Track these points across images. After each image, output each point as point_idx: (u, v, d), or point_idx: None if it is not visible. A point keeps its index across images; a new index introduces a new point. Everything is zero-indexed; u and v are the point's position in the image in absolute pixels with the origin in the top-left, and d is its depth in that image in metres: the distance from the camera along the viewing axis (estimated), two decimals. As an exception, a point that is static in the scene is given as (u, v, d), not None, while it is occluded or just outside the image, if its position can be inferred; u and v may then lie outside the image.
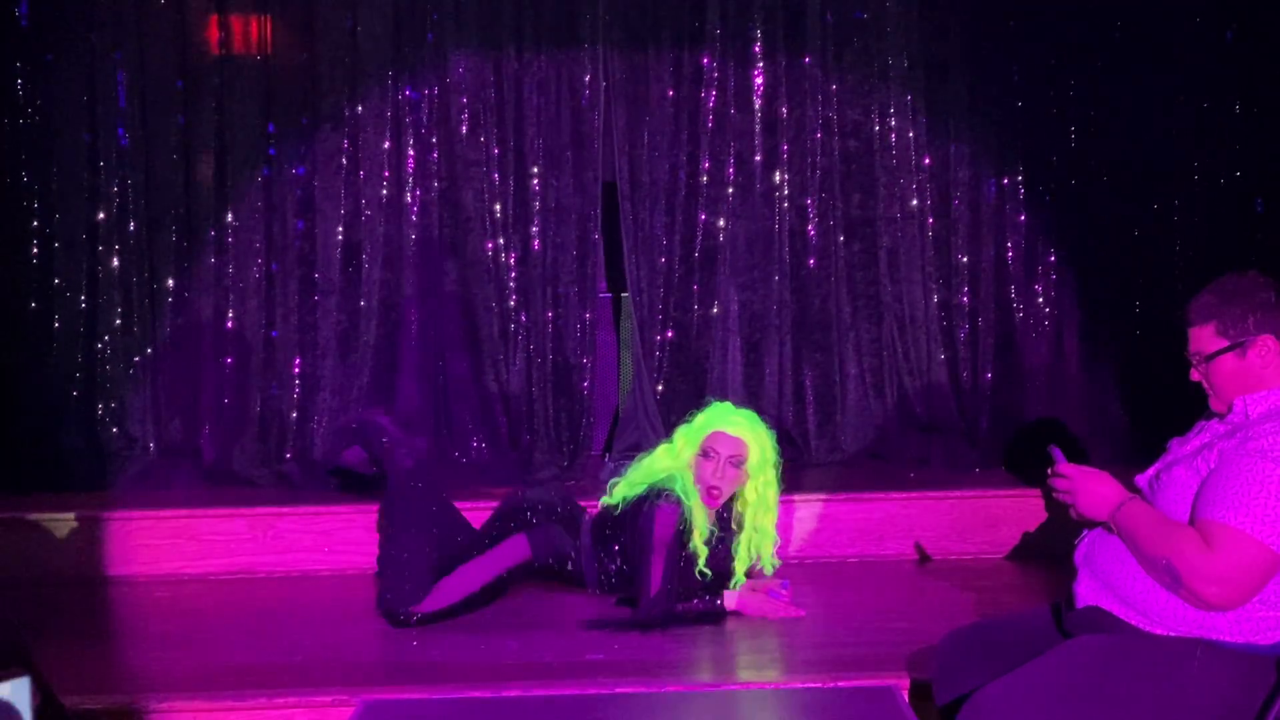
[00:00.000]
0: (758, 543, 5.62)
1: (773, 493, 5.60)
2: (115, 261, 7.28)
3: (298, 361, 7.29)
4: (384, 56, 7.29)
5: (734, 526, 5.64)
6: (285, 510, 6.48)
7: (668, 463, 5.56)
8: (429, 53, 7.31)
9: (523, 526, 5.65)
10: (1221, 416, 3.61)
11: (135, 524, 6.41)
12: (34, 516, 6.37)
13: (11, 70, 7.18)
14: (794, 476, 7.02)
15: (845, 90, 7.47)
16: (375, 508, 6.24)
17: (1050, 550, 6.09)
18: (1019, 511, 6.43)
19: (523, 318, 7.33)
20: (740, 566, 5.59)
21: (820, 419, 7.45)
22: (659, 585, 5.26)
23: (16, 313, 7.18)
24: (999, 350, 7.48)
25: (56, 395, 7.19)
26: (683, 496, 5.36)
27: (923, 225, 7.48)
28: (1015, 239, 7.48)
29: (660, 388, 7.40)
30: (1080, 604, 3.64)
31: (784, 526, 6.36)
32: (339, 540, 6.38)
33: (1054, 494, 3.70)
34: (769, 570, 5.70)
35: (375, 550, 6.08)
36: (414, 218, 7.32)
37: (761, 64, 7.42)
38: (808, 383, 7.48)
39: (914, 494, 6.61)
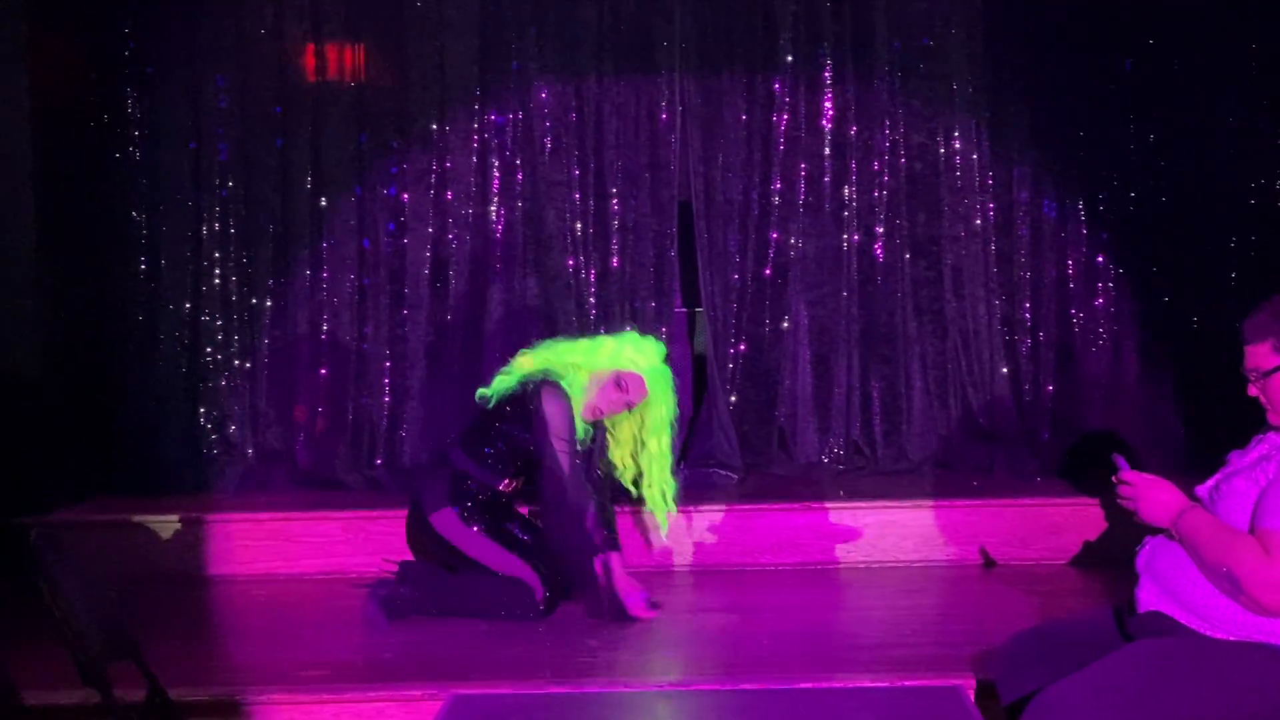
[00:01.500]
0: (635, 474, 5.84)
1: (660, 445, 5.78)
2: (217, 275, 7.37)
3: (388, 371, 7.34)
4: (470, 82, 7.35)
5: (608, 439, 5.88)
6: (376, 513, 6.52)
7: (553, 359, 5.76)
8: (513, 79, 7.36)
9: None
10: (1280, 429, 3.58)
11: (234, 526, 6.50)
12: (139, 518, 6.47)
13: (121, 93, 7.30)
14: (861, 484, 7.06)
15: (911, 114, 7.45)
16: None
17: (1112, 556, 6.06)
18: (1080, 519, 6.39)
19: (602, 331, 7.34)
20: (616, 469, 5.84)
21: (886, 429, 7.44)
22: (568, 468, 5.44)
23: (125, 323, 7.28)
24: (1059, 363, 7.44)
25: (160, 403, 7.28)
26: (568, 390, 5.58)
27: (986, 243, 7.45)
28: (1076, 256, 7.44)
29: (733, 399, 7.41)
30: (1142, 609, 3.62)
31: (853, 532, 6.38)
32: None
33: (1118, 500, 3.68)
34: (664, 521, 5.87)
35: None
36: (498, 235, 7.37)
37: (831, 89, 7.42)
38: (875, 394, 7.46)
39: (978, 501, 6.59)
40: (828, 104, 7.43)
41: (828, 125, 7.44)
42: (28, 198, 6.75)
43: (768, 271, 7.42)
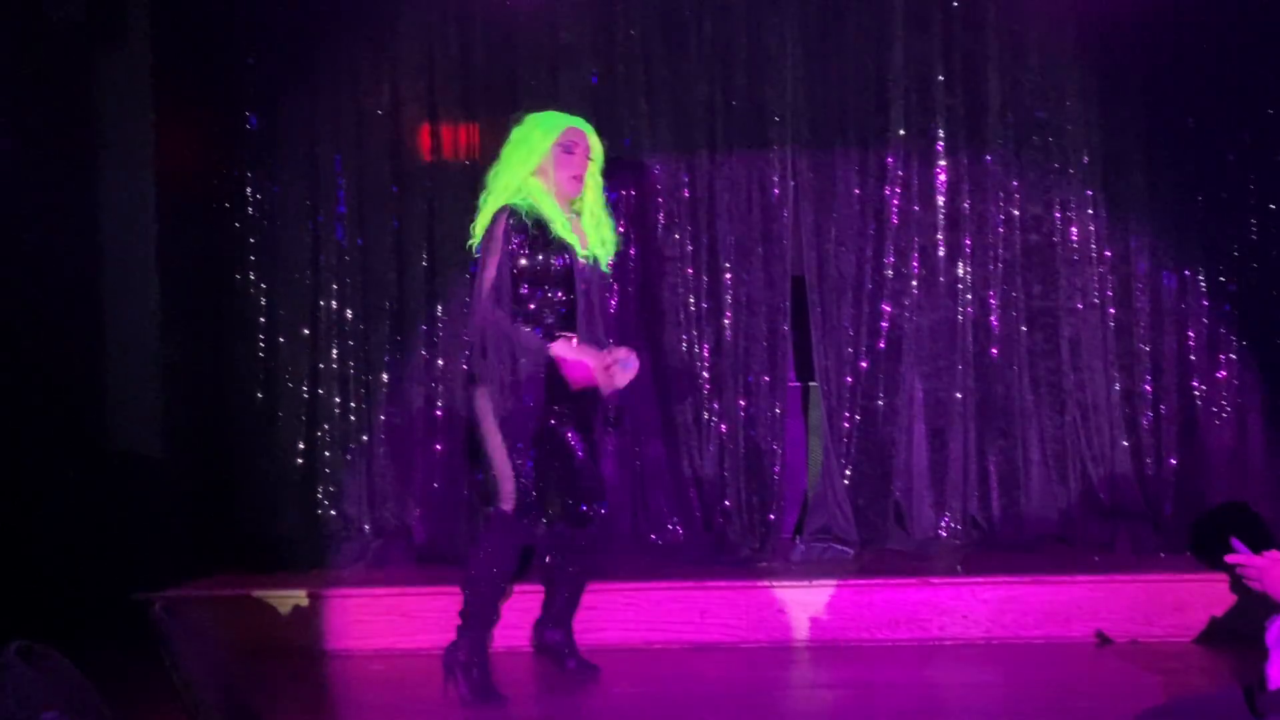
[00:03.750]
0: (598, 224, 5.78)
1: (596, 182, 5.79)
2: (334, 353, 7.46)
3: (502, 448, 7.37)
4: (584, 159, 7.39)
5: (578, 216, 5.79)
6: (491, 589, 6.52)
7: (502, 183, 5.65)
8: (626, 155, 7.40)
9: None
10: None
11: (351, 601, 6.56)
12: (258, 593, 6.53)
13: (242, 175, 7.46)
14: (979, 559, 6.96)
15: (1026, 185, 7.41)
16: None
17: (1241, 633, 5.90)
18: (1206, 595, 6.26)
19: (715, 406, 7.35)
20: (595, 246, 5.74)
21: (1004, 503, 7.34)
22: (492, 276, 5.43)
23: (244, 401, 7.39)
24: (1182, 436, 7.33)
25: (279, 480, 7.37)
26: (515, 203, 5.53)
27: (1104, 315, 7.38)
28: (1197, 328, 7.34)
29: (848, 472, 7.35)
30: (1273, 685, 3.53)
31: (971, 608, 6.29)
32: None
33: (1245, 581, 3.59)
34: (604, 259, 5.83)
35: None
36: (612, 310, 7.38)
37: (944, 161, 7.40)
38: (992, 468, 7.38)
39: (1099, 577, 6.49)
40: (941, 176, 7.40)
41: (941, 197, 7.41)
42: (153, 279, 6.89)
43: (881, 345, 7.38)
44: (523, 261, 5.47)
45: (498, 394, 5.43)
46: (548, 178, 5.62)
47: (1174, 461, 7.31)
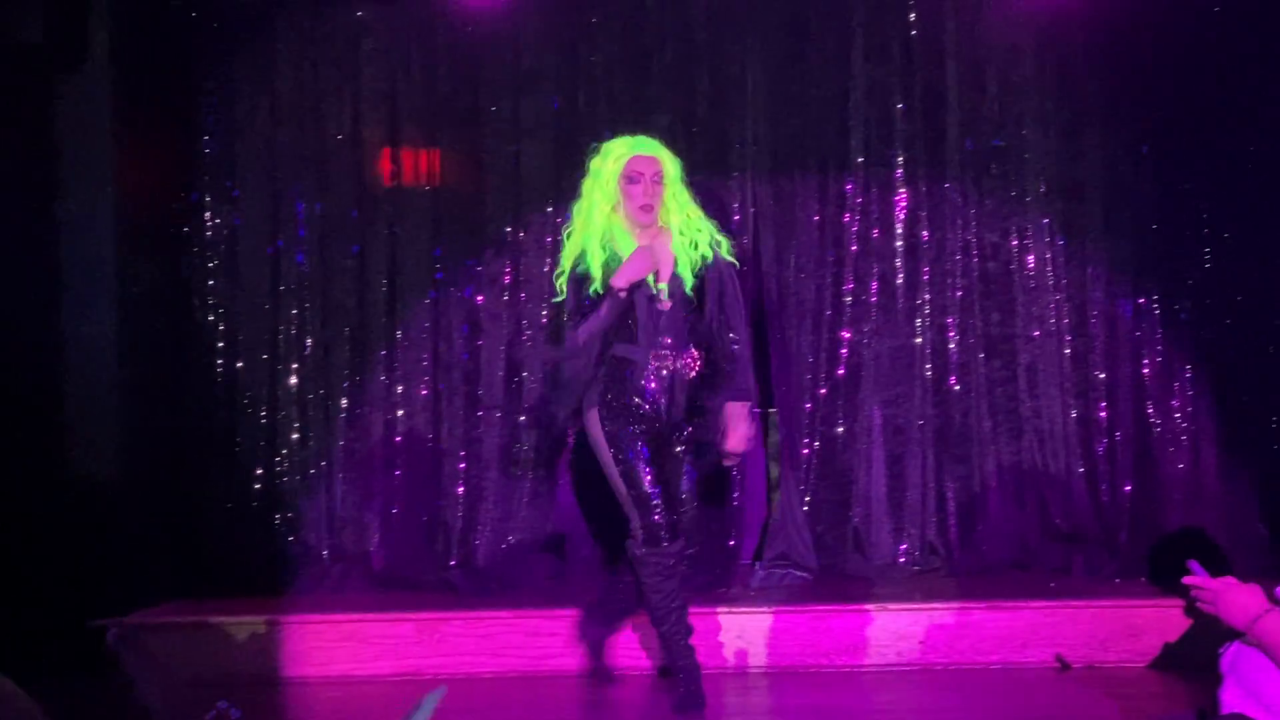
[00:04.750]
0: (691, 237, 5.68)
1: (686, 196, 5.74)
2: (293, 378, 7.45)
3: (462, 474, 7.37)
4: (546, 184, 7.44)
5: (668, 234, 5.71)
6: (450, 615, 6.54)
7: (594, 222, 5.67)
8: (586, 181, 7.42)
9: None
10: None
11: (309, 628, 6.51)
12: (215, 620, 6.50)
13: (201, 199, 7.46)
14: (937, 585, 6.99)
15: (984, 214, 7.48)
16: (532, 613, 6.45)
17: (1194, 659, 5.95)
18: (1161, 621, 6.30)
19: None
20: (684, 266, 5.62)
21: (962, 529, 7.38)
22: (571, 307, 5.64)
23: (203, 427, 7.36)
24: (1137, 463, 7.38)
25: (238, 505, 7.34)
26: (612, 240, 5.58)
27: (1060, 343, 7.44)
28: (1152, 355, 7.41)
29: (807, 499, 7.37)
30: (1225, 710, 3.55)
31: (929, 634, 6.32)
32: (500, 643, 6.41)
33: (1198, 604, 3.62)
34: (725, 252, 5.77)
35: (538, 655, 6.25)
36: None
37: (903, 189, 7.46)
38: (950, 494, 7.41)
39: (1055, 603, 6.52)
40: (900, 204, 7.46)
41: (900, 225, 7.46)
42: (111, 303, 6.85)
43: (841, 371, 7.42)
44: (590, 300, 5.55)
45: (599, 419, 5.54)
46: (622, 211, 5.67)
47: (1129, 488, 7.36)
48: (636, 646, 6.37)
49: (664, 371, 5.56)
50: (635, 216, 5.63)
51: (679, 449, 5.70)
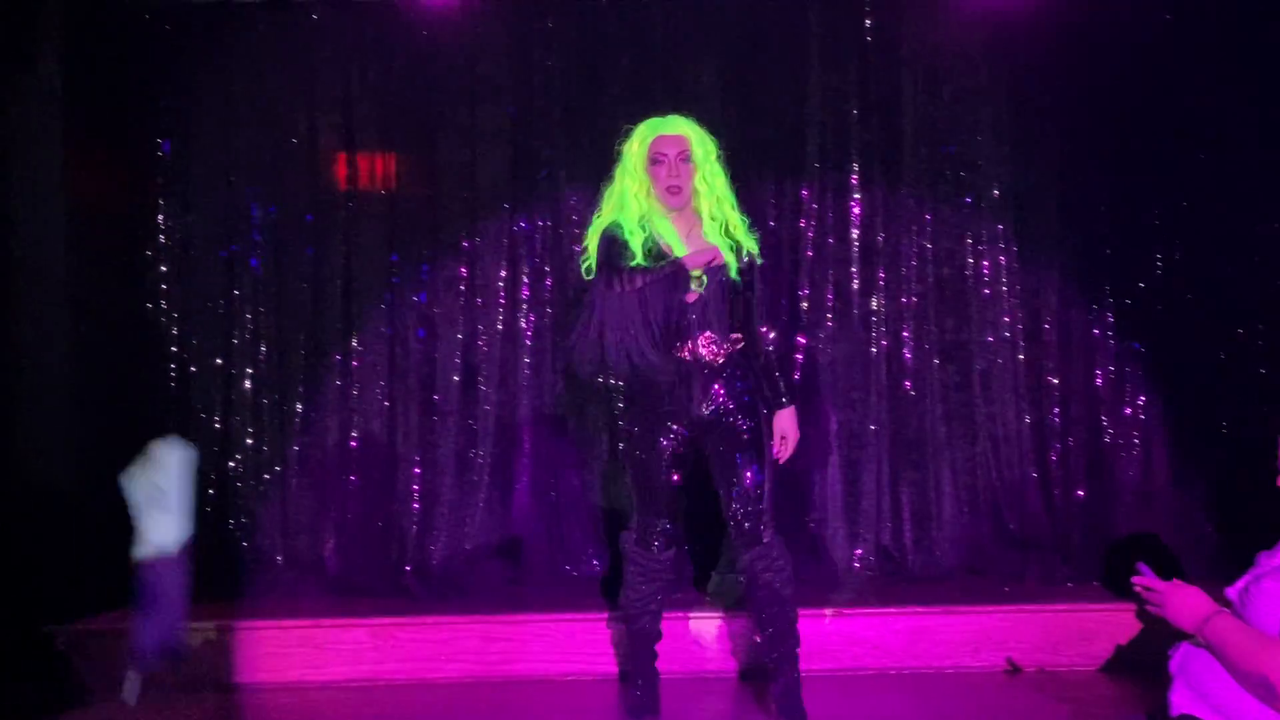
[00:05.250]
0: (722, 224, 5.39)
1: (720, 179, 5.42)
2: (247, 384, 7.43)
3: (417, 478, 7.35)
4: (501, 190, 7.45)
5: (700, 220, 5.41)
6: (405, 620, 6.52)
7: (629, 206, 5.37)
8: (543, 187, 7.43)
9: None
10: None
11: (263, 633, 6.49)
12: (169, 625, 6.43)
13: (154, 202, 7.43)
14: (892, 590, 7.01)
15: (939, 220, 7.50)
16: (487, 618, 6.43)
17: (1144, 663, 5.98)
18: (1112, 624, 6.35)
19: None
20: (729, 254, 5.30)
21: (917, 535, 7.41)
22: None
23: (155, 432, 7.25)
24: (1090, 468, 7.43)
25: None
26: (616, 224, 5.30)
27: (1014, 349, 7.48)
28: (1104, 362, 7.46)
29: (764, 504, 7.37)
30: (1175, 712, 3.59)
31: (884, 639, 6.33)
32: (455, 649, 6.40)
33: (1146, 607, 3.65)
34: (754, 247, 5.47)
35: (493, 660, 6.20)
36: (528, 342, 7.43)
37: (858, 195, 7.48)
38: (905, 499, 7.44)
39: (1008, 607, 6.56)
40: (855, 210, 7.49)
41: (856, 231, 7.48)
42: (62, 308, 6.80)
43: (796, 377, 7.42)
44: (625, 278, 5.17)
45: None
46: (653, 195, 5.36)
47: (1082, 493, 7.41)
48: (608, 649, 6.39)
49: (689, 363, 5.25)
50: (664, 199, 5.32)
51: (729, 444, 5.33)
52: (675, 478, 5.39)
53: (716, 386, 5.30)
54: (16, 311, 6.77)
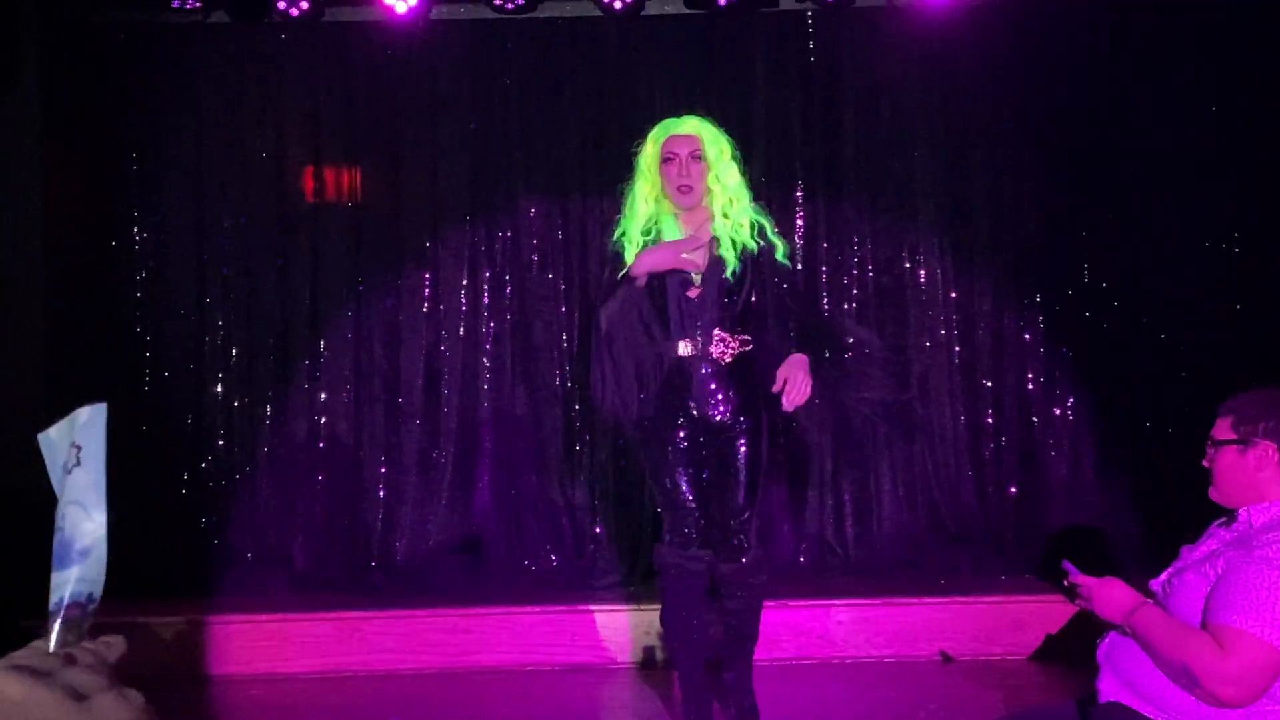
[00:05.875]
0: (736, 223, 5.06)
1: (734, 179, 5.10)
2: (218, 388, 7.39)
3: (382, 478, 7.34)
4: (462, 202, 7.44)
5: (709, 217, 5.09)
6: (370, 614, 6.51)
7: (638, 209, 5.12)
8: (502, 198, 7.43)
9: None
10: (1227, 524, 3.57)
11: (233, 627, 6.47)
12: (142, 620, 6.40)
13: (128, 213, 7.37)
14: (834, 583, 7.03)
15: (878, 231, 7.53)
16: (450, 611, 6.43)
17: (1073, 651, 6.01)
18: (1043, 615, 6.38)
19: (587, 438, 7.36)
20: (728, 252, 4.98)
21: (858, 530, 7.43)
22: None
23: (130, 434, 7.26)
24: (1021, 466, 7.47)
25: (164, 509, 7.24)
26: (618, 241, 5.09)
27: (950, 353, 7.51)
28: (1035, 365, 7.50)
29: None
30: (1103, 699, 3.60)
31: (826, 630, 6.35)
32: (420, 641, 6.40)
33: (1075, 600, 3.67)
34: (780, 256, 5.12)
35: (455, 651, 6.15)
36: (489, 347, 7.41)
37: (802, 207, 7.50)
38: (847, 497, 7.46)
39: (944, 599, 6.60)
40: (799, 221, 7.50)
41: (800, 242, 7.50)
42: (39, 317, 6.77)
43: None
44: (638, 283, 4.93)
45: (630, 417, 5.04)
46: (666, 195, 5.08)
47: (1014, 490, 7.45)
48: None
49: (699, 363, 4.94)
50: (675, 199, 5.03)
51: (730, 452, 5.01)
52: (693, 472, 4.99)
53: (727, 392, 4.97)
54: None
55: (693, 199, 5.05)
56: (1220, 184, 7.29)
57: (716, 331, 4.96)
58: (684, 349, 4.94)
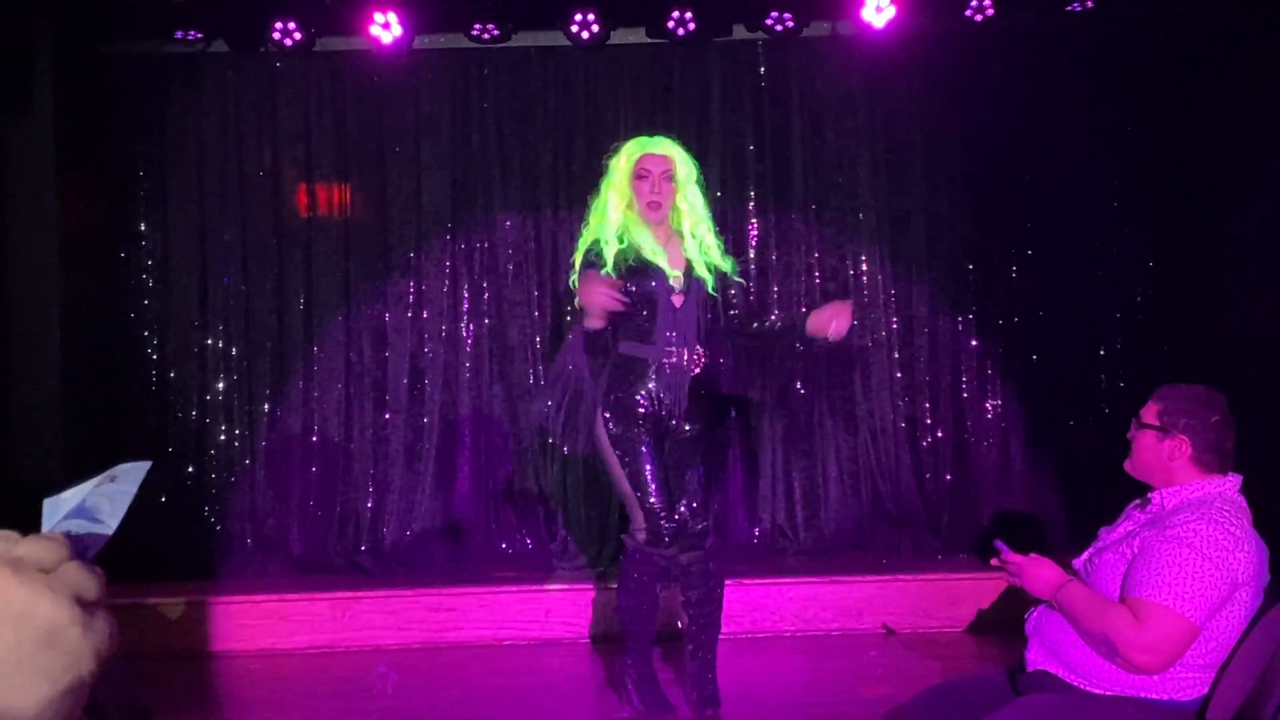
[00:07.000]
0: (701, 244, 5.03)
1: (700, 201, 5.08)
2: (220, 386, 7.36)
3: (371, 469, 7.32)
4: (443, 215, 7.42)
5: (679, 237, 5.06)
6: (361, 594, 6.51)
7: (609, 217, 5.01)
8: (480, 212, 7.42)
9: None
10: (1141, 506, 3.59)
11: (234, 607, 6.44)
12: (150, 601, 6.38)
13: (136, 228, 7.34)
14: (786, 562, 7.05)
15: (824, 240, 7.54)
16: (434, 591, 6.44)
17: (1003, 624, 6.05)
18: (977, 591, 6.41)
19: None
20: (700, 268, 4.98)
21: (807, 515, 7.43)
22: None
23: (138, 431, 7.24)
24: (956, 455, 7.49)
25: (170, 500, 7.21)
26: (596, 243, 4.97)
27: (890, 352, 7.52)
28: (968, 363, 7.53)
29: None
30: (1030, 668, 3.62)
31: (779, 605, 6.36)
32: (406, 618, 6.39)
33: (1006, 578, 3.68)
34: (709, 280, 5.01)
35: (439, 627, 6.12)
36: (468, 349, 7.40)
37: (755, 219, 7.51)
38: (796, 484, 7.46)
39: (886, 577, 6.63)
40: (753, 231, 7.52)
41: (753, 249, 7.51)
42: (56, 320, 6.73)
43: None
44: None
45: (600, 415, 4.95)
46: (634, 208, 5.00)
47: (950, 477, 7.48)
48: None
49: (670, 370, 4.89)
50: (644, 213, 4.96)
51: (682, 448, 4.99)
52: (662, 471, 4.92)
53: (695, 398, 4.96)
54: (14, 322, 6.68)
55: (660, 215, 5.01)
56: (1136, 198, 7.36)
57: (697, 347, 4.97)
58: (665, 356, 4.90)
